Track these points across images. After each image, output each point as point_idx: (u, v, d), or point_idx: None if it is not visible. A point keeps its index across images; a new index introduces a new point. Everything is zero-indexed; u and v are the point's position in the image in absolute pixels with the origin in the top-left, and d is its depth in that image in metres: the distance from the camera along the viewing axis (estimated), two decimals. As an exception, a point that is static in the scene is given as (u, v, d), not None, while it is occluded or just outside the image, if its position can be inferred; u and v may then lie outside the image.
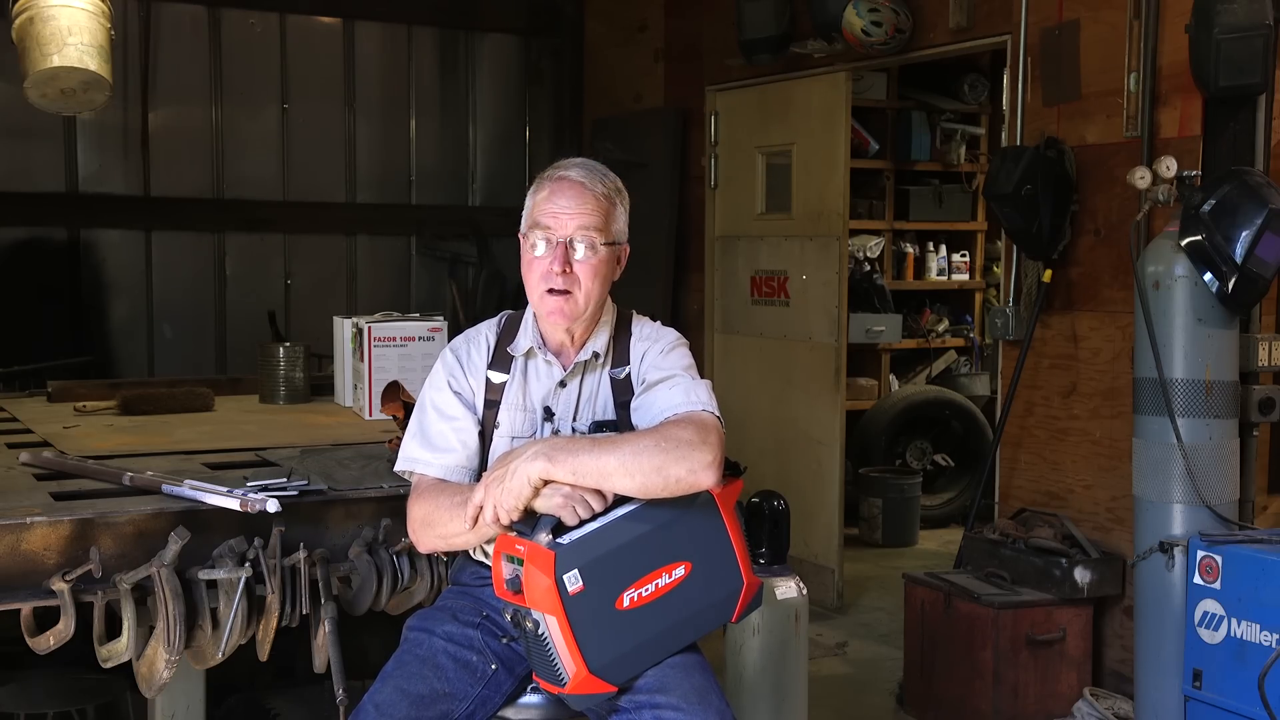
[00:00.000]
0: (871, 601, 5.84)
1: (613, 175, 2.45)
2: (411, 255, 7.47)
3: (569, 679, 2.12)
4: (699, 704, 2.21)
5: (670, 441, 2.19)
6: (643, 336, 2.49)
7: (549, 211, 2.36)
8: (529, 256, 2.39)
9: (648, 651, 2.22)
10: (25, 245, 6.52)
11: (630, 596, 2.16)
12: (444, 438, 2.40)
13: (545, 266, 2.36)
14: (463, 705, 2.29)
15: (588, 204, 2.37)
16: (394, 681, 2.28)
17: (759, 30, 5.58)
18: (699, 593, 2.25)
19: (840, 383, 5.68)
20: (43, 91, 3.75)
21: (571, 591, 2.09)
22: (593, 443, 2.21)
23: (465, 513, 2.23)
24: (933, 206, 7.30)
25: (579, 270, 2.35)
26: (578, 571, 2.10)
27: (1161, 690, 3.69)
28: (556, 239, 2.35)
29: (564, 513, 2.15)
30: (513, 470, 2.17)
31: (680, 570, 2.22)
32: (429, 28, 7.42)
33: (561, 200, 2.37)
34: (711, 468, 2.20)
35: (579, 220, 2.35)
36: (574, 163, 2.43)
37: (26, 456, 2.99)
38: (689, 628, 2.28)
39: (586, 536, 2.14)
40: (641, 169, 6.67)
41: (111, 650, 2.43)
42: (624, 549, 2.16)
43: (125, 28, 6.22)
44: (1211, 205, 3.61)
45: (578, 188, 2.38)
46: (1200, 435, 3.66)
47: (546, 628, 2.10)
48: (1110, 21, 4.30)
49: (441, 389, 2.45)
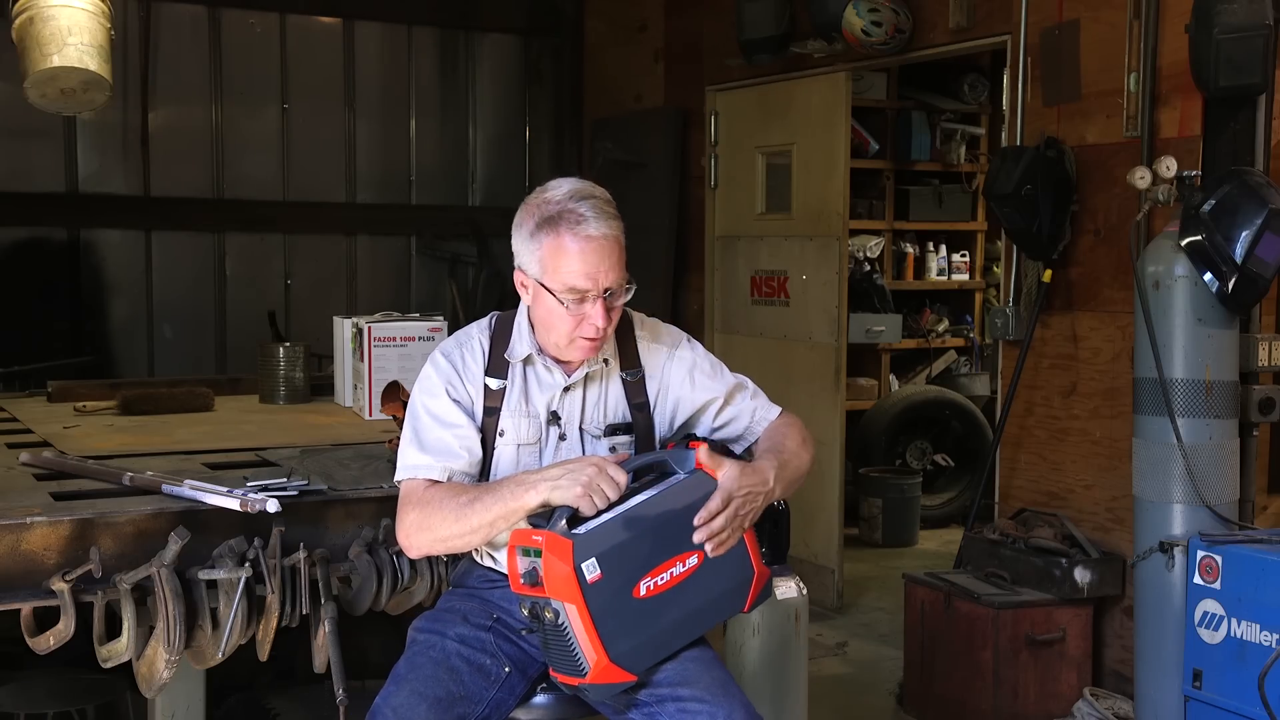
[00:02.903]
0: (871, 601, 5.84)
1: (611, 201, 2.37)
2: (411, 255, 7.46)
3: (590, 668, 2.13)
4: (723, 696, 2.24)
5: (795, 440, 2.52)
6: (654, 339, 2.52)
7: (583, 274, 2.29)
8: (557, 309, 2.33)
9: (665, 640, 2.24)
10: (25, 245, 6.52)
11: (647, 585, 2.19)
12: (445, 444, 2.36)
13: (585, 321, 2.32)
14: (478, 709, 2.28)
15: (615, 254, 2.33)
16: (410, 685, 2.26)
17: (759, 30, 5.58)
18: (712, 582, 2.28)
19: (840, 383, 5.68)
20: (43, 91, 3.75)
21: (590, 580, 2.11)
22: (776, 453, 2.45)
23: (474, 512, 2.24)
24: (933, 206, 7.30)
25: (613, 314, 2.36)
26: (595, 560, 2.12)
27: (1161, 690, 3.69)
28: (594, 294, 2.31)
29: (582, 503, 2.17)
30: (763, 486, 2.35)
31: (693, 560, 2.25)
32: (429, 28, 7.42)
33: (593, 259, 2.29)
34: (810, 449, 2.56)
35: (614, 274, 2.32)
36: (580, 206, 2.31)
37: (26, 456, 2.99)
38: (703, 617, 2.31)
39: (603, 525, 2.17)
40: (641, 169, 6.67)
41: (111, 650, 2.43)
42: (639, 538, 2.19)
43: (125, 28, 6.21)
44: (1211, 205, 3.60)
45: (608, 245, 2.31)
46: (1200, 435, 3.66)
47: (566, 617, 2.11)
48: (1110, 21, 4.30)
49: (439, 396, 2.39)
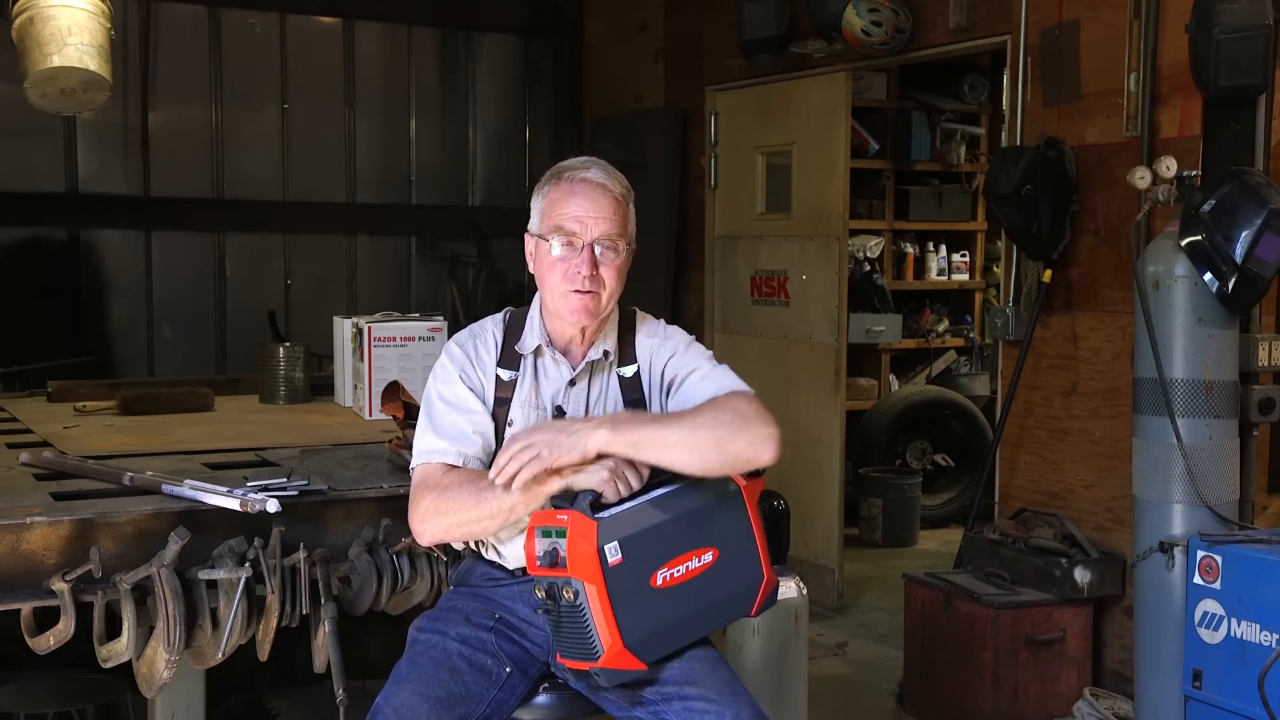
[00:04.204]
0: (871, 601, 5.84)
1: (622, 175, 2.43)
2: (411, 255, 7.46)
3: (603, 651, 2.14)
4: (730, 696, 2.24)
5: (728, 413, 2.21)
6: (650, 334, 2.48)
7: (572, 215, 2.34)
8: (548, 258, 2.36)
9: (676, 633, 2.26)
10: (25, 245, 6.51)
11: (664, 575, 2.21)
12: (459, 429, 2.37)
13: (570, 268, 2.34)
14: (480, 708, 2.28)
15: (610, 206, 2.36)
16: (411, 685, 2.25)
17: (759, 30, 5.58)
18: (724, 580, 2.30)
19: (840, 383, 5.68)
20: (43, 91, 3.75)
21: (612, 563, 2.13)
22: (653, 417, 2.24)
23: (491, 496, 2.21)
24: (933, 206, 7.30)
25: (604, 271, 2.35)
26: (618, 544, 2.15)
27: (1161, 690, 3.69)
28: (581, 242, 2.33)
29: (607, 488, 2.18)
30: (573, 430, 2.17)
31: (709, 556, 2.27)
32: (429, 28, 7.41)
33: (584, 202, 2.34)
34: (770, 440, 2.21)
35: (604, 225, 2.34)
36: (587, 162, 2.41)
37: (26, 456, 2.99)
38: (713, 615, 2.33)
39: (626, 511, 2.19)
40: (641, 169, 6.66)
41: (111, 650, 2.43)
42: (660, 528, 2.21)
43: (125, 28, 6.21)
44: (1211, 205, 3.60)
45: (599, 190, 2.36)
46: (1200, 435, 3.66)
47: (585, 597, 2.13)
48: (1110, 21, 4.30)
49: (453, 383, 2.41)
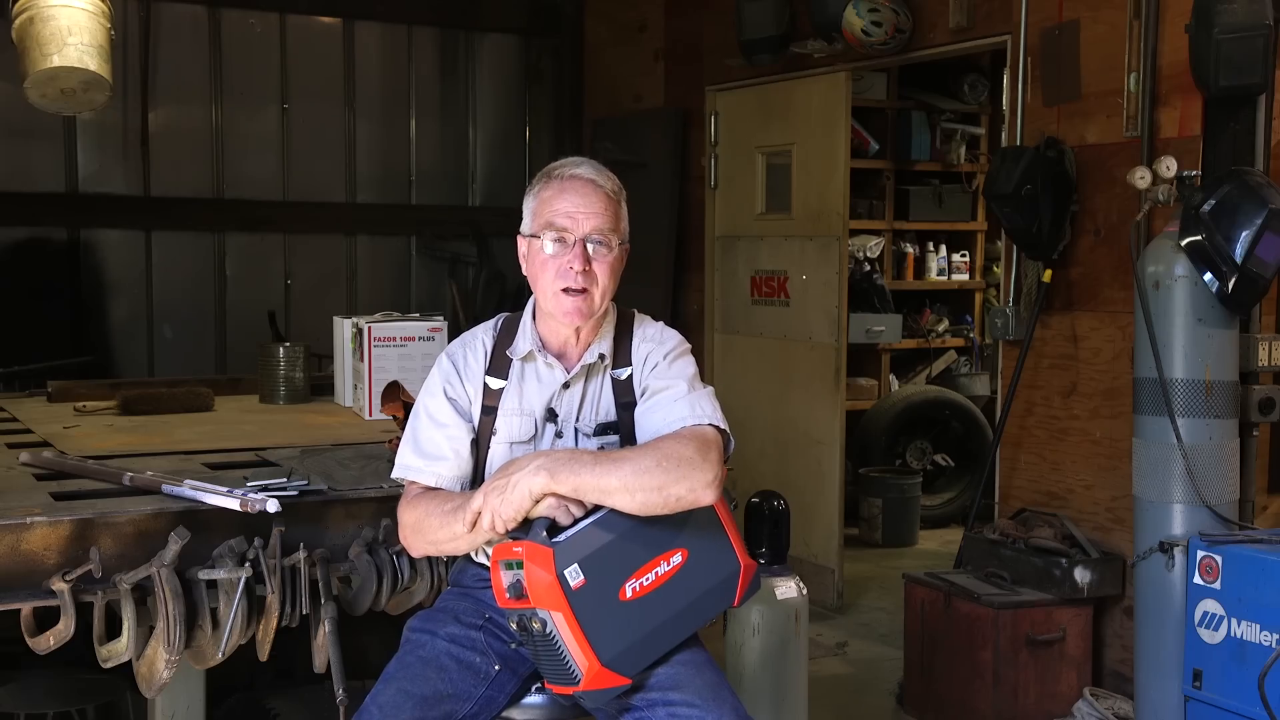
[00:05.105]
0: (871, 601, 5.84)
1: (614, 174, 2.44)
2: (411, 255, 7.46)
3: (582, 675, 2.13)
4: (714, 701, 2.23)
5: (671, 460, 2.19)
6: (646, 338, 2.47)
7: (563, 211, 2.35)
8: (540, 256, 2.37)
9: (655, 641, 2.24)
10: (25, 245, 6.51)
11: (632, 587, 2.19)
12: (436, 445, 2.39)
13: (562, 265, 2.34)
14: (466, 706, 2.28)
15: (601, 202, 2.36)
16: (397, 683, 2.27)
17: (759, 30, 5.58)
18: (698, 579, 2.28)
19: (840, 383, 5.68)
20: (43, 91, 3.76)
21: (574, 586, 2.11)
22: (595, 460, 2.20)
23: (457, 520, 2.24)
24: (933, 206, 7.30)
25: (597, 267, 2.35)
26: (578, 565, 2.12)
27: (1161, 690, 3.69)
28: (573, 239, 2.34)
29: (558, 513, 2.17)
30: (514, 483, 2.18)
31: (677, 558, 2.24)
32: (429, 28, 7.41)
33: (575, 199, 2.35)
34: (711, 486, 2.21)
35: (595, 220, 2.35)
36: (578, 161, 2.42)
37: (26, 456, 2.99)
38: (693, 615, 2.30)
39: (582, 531, 2.17)
40: (641, 169, 6.67)
41: (111, 650, 2.43)
42: (620, 540, 2.18)
43: (125, 28, 6.21)
44: (1211, 205, 3.60)
45: (590, 186, 2.37)
46: (1200, 435, 3.66)
47: (554, 625, 2.11)
48: (1110, 21, 4.30)
49: (436, 395, 2.43)
